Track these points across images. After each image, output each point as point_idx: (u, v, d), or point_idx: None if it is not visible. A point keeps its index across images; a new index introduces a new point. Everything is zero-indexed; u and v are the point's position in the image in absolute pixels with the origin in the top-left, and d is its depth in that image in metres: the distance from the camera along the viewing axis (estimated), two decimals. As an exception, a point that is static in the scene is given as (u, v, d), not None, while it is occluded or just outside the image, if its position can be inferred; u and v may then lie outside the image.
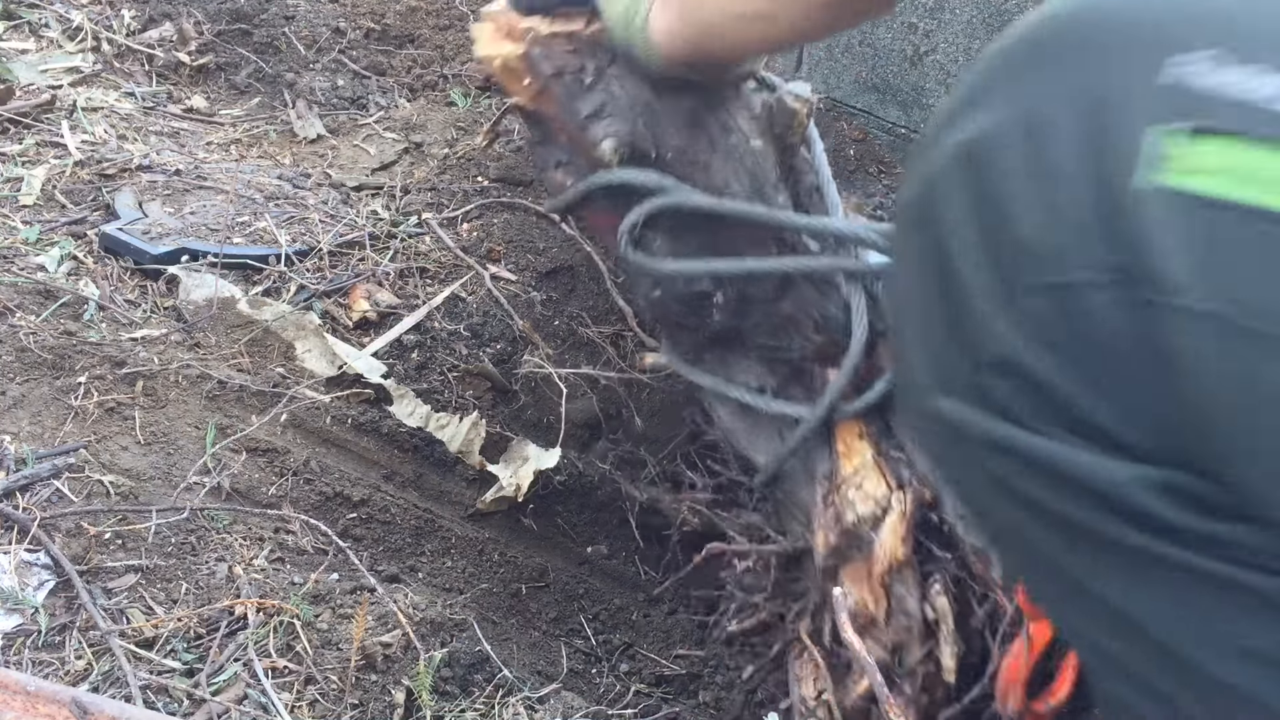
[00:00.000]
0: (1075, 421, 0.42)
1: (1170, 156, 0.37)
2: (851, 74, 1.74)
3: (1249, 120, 0.36)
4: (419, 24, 1.83)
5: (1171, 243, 0.37)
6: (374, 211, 1.39)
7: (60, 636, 0.84)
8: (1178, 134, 0.37)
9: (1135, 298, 0.38)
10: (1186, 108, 0.37)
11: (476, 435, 1.20)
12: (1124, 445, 0.41)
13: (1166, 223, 0.37)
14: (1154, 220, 0.37)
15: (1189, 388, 0.39)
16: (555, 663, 1.07)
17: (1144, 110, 0.38)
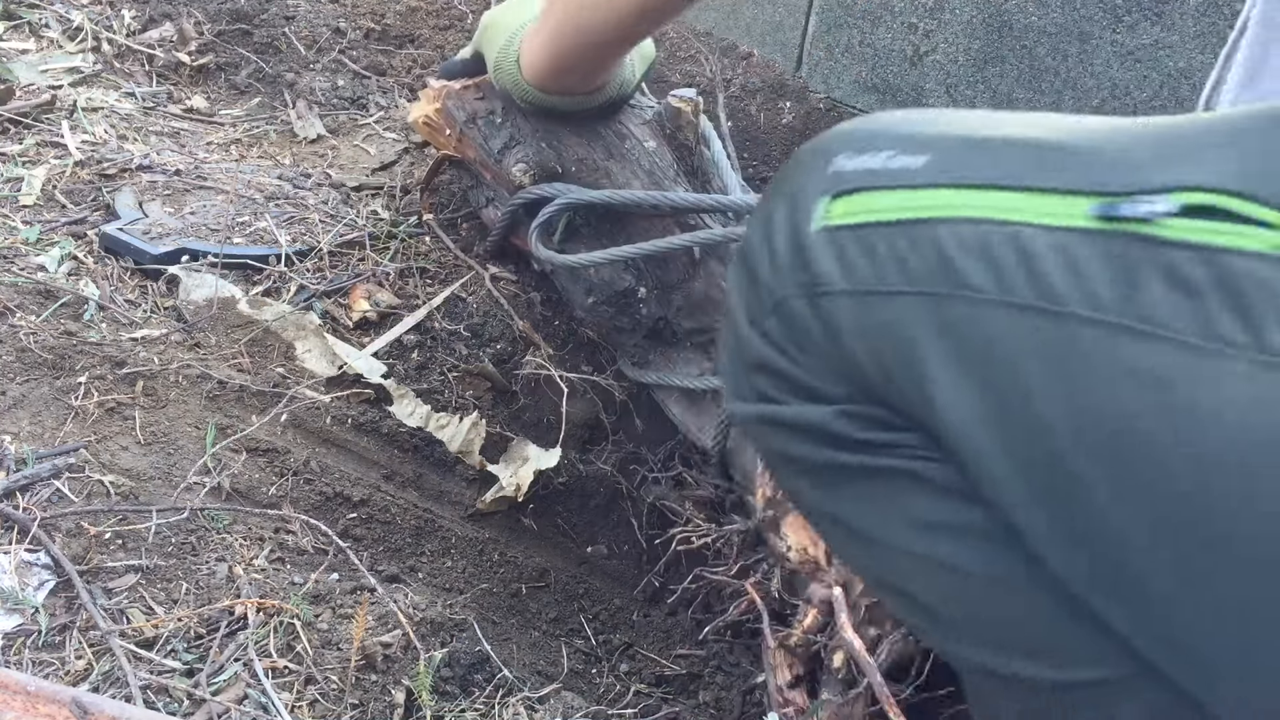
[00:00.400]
0: (799, 388, 0.62)
1: (827, 211, 0.60)
2: (851, 74, 1.74)
3: (868, 179, 0.59)
4: (419, 24, 1.83)
5: (824, 256, 0.59)
6: (374, 211, 1.39)
7: (60, 636, 0.84)
8: (830, 197, 0.60)
9: (812, 295, 0.60)
10: (837, 181, 0.60)
11: (476, 435, 1.20)
12: (829, 397, 0.61)
13: (822, 247, 0.59)
14: (816, 249, 0.60)
15: (843, 343, 0.59)
16: (555, 663, 1.07)
17: (815, 190, 0.61)
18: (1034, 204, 0.53)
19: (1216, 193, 0.48)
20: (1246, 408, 0.46)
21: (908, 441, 0.59)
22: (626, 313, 1.18)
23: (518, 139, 1.20)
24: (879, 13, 1.68)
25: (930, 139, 0.59)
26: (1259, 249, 0.47)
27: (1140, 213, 0.49)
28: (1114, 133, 0.54)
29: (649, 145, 1.21)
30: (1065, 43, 1.48)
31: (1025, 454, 0.52)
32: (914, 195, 0.57)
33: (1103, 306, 0.49)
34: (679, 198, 1.14)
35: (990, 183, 0.55)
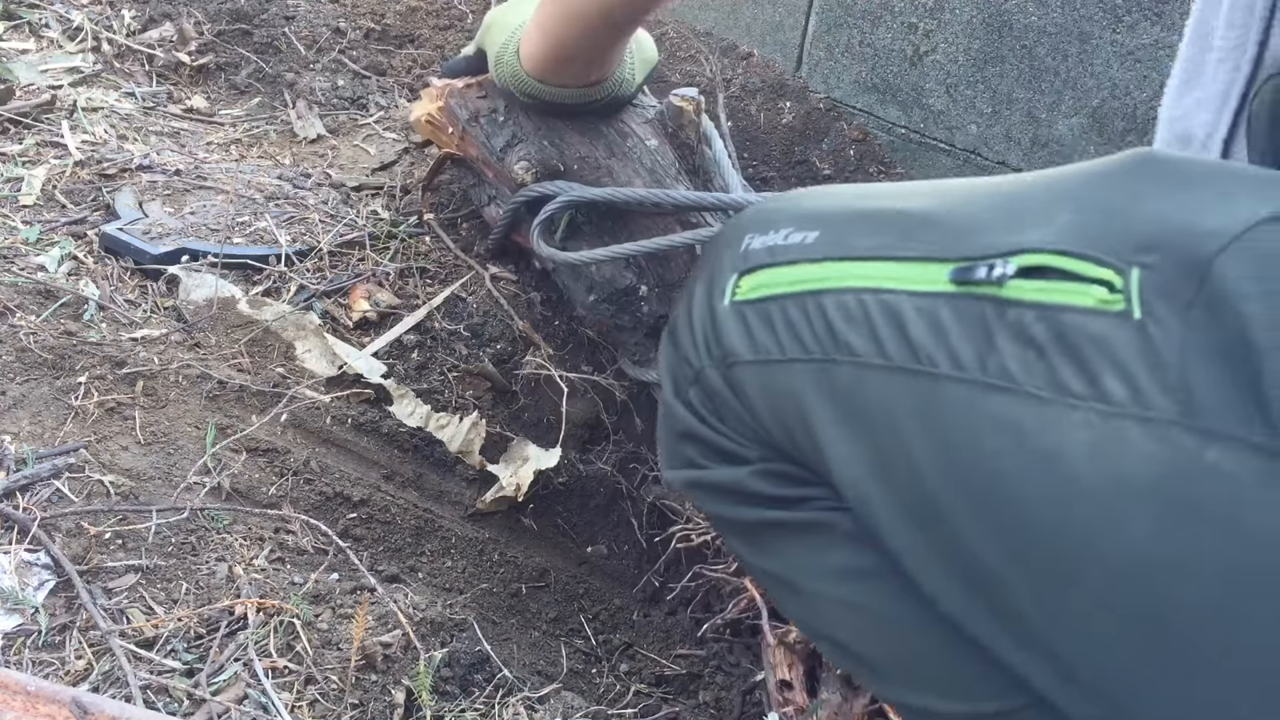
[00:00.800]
0: (722, 454, 0.68)
1: (736, 287, 0.67)
2: (851, 74, 1.74)
3: (768, 256, 0.66)
4: (419, 24, 1.83)
5: (732, 330, 0.66)
6: (374, 211, 1.39)
7: (60, 636, 0.84)
8: (739, 274, 0.67)
9: (724, 367, 0.66)
10: (745, 260, 0.67)
11: (476, 435, 1.20)
12: (745, 458, 0.67)
13: (731, 321, 0.66)
14: (725, 322, 0.66)
15: (752, 409, 0.65)
16: (555, 663, 1.07)
17: (728, 268, 0.68)
18: (904, 272, 0.58)
19: (1048, 253, 0.52)
20: (1089, 453, 0.49)
21: (816, 495, 0.64)
22: (628, 311, 1.18)
23: (520, 137, 1.20)
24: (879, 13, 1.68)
25: (821, 215, 0.65)
26: (1089, 304, 0.50)
27: (989, 276, 0.54)
28: (971, 199, 0.60)
29: (651, 144, 1.21)
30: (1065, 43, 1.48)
31: (906, 500, 0.57)
32: (806, 269, 0.63)
33: (964, 365, 0.54)
34: (680, 196, 1.14)
35: (868, 254, 0.60)
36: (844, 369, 0.59)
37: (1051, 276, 0.52)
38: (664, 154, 1.21)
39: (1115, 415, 0.48)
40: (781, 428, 0.63)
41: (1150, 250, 0.50)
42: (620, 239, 1.17)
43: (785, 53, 1.83)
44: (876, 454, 0.58)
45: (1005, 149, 1.59)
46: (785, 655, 0.99)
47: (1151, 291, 0.49)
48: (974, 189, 0.61)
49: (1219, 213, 0.49)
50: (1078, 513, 0.50)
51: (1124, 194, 0.53)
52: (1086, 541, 0.50)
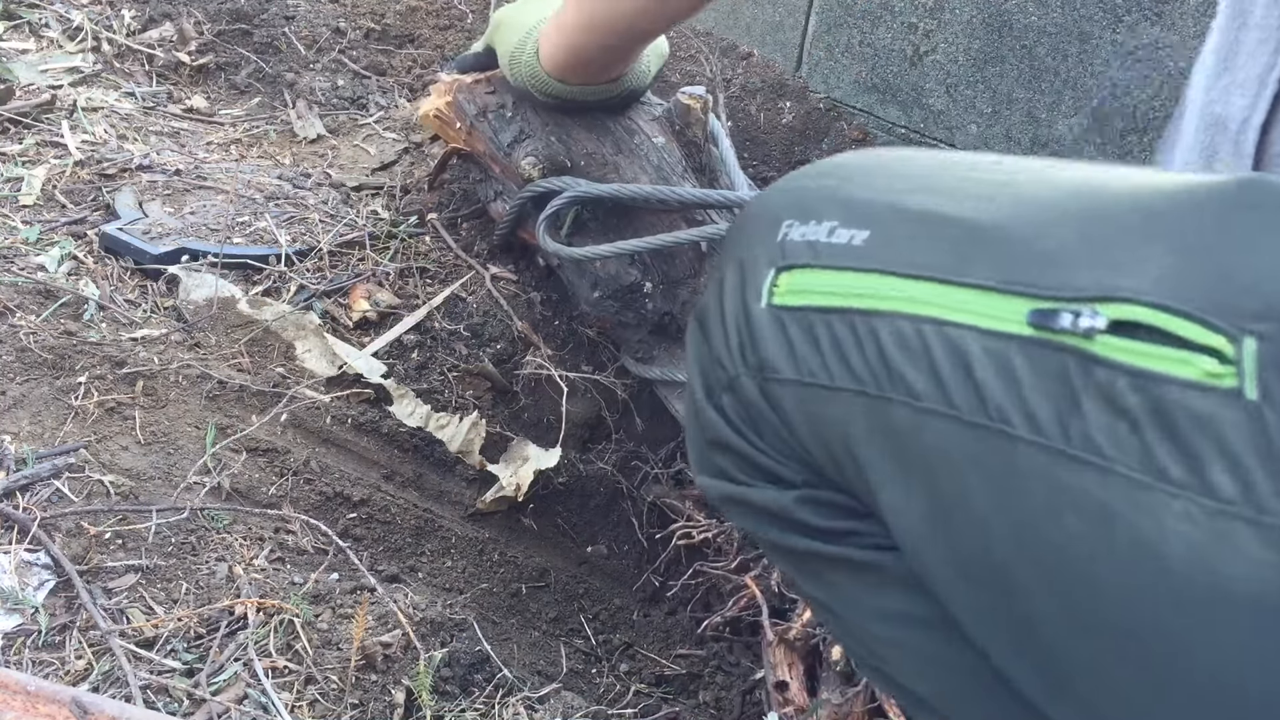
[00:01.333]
0: (759, 470, 0.61)
1: (773, 286, 0.59)
2: (851, 74, 1.74)
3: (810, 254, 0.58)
4: (419, 24, 1.83)
5: (771, 339, 0.58)
6: (374, 211, 1.39)
7: (60, 636, 0.84)
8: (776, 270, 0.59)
9: (762, 379, 0.59)
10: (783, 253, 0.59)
11: (476, 435, 1.20)
12: (790, 480, 0.61)
13: (769, 328, 0.59)
14: (763, 329, 0.59)
15: (799, 430, 0.58)
16: (555, 663, 1.07)
17: (764, 260, 0.60)
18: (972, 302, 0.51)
19: (1145, 307, 0.45)
20: (1187, 553, 0.43)
21: (868, 530, 0.59)
22: (632, 307, 1.18)
23: (527, 133, 1.20)
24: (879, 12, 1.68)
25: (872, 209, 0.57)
26: (1192, 377, 0.44)
27: (1074, 326, 0.47)
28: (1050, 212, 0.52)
29: (658, 141, 1.21)
30: (1065, 42, 1.48)
31: (969, 562, 0.51)
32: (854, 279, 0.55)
33: (1042, 428, 0.47)
34: (686, 192, 1.14)
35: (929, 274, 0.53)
36: (901, 410, 0.52)
37: (1149, 335, 0.45)
38: (670, 151, 1.22)
39: (1223, 513, 0.42)
40: (828, 456, 0.57)
41: (1269, 317, 0.42)
42: (626, 236, 1.17)
43: (785, 53, 1.83)
44: (936, 509, 0.52)
45: (1005, 149, 1.58)
46: (785, 654, 0.99)
47: (1270, 368, 0.42)
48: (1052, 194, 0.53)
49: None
50: (1170, 615, 0.44)
51: (1235, 237, 0.45)
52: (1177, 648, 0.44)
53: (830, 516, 0.60)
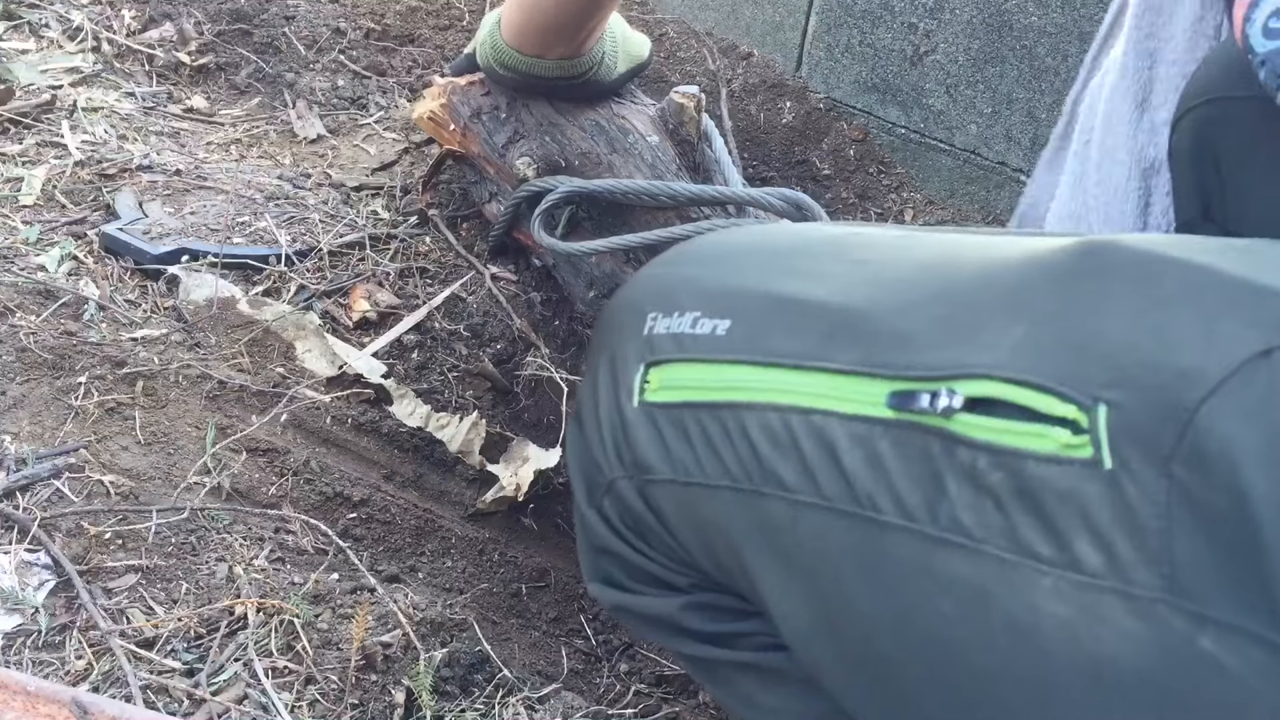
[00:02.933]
0: (647, 576, 0.59)
1: (645, 383, 0.57)
2: (851, 74, 1.74)
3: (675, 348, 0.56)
4: (419, 24, 1.83)
5: (646, 438, 0.56)
6: (374, 211, 1.39)
7: (60, 636, 0.84)
8: (645, 366, 0.57)
9: (640, 482, 0.57)
10: (651, 348, 0.57)
11: (476, 435, 1.20)
12: (676, 585, 0.59)
13: (643, 427, 0.56)
14: (637, 428, 0.57)
15: (680, 533, 0.56)
16: (555, 663, 1.07)
17: (634, 355, 0.58)
18: (833, 387, 0.49)
19: (998, 381, 0.44)
20: (1060, 631, 0.42)
21: (758, 630, 0.57)
22: None
23: (522, 133, 1.20)
24: (879, 12, 1.68)
25: (731, 297, 0.56)
26: (1048, 450, 0.42)
27: (932, 406, 0.45)
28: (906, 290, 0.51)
29: (652, 140, 1.22)
30: (1065, 42, 1.48)
31: (854, 657, 0.50)
32: (720, 371, 0.54)
33: (911, 513, 0.46)
34: (682, 188, 1.14)
35: (790, 361, 0.51)
36: (775, 504, 0.51)
37: (1005, 411, 0.44)
38: (665, 150, 1.22)
39: (1091, 587, 0.41)
40: (711, 559, 0.56)
41: (1118, 385, 0.42)
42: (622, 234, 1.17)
43: (785, 53, 1.83)
44: (820, 606, 0.50)
45: (1005, 149, 1.59)
46: None
47: (1122, 436, 0.41)
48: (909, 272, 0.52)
49: (1199, 346, 0.41)
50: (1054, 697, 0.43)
51: (1082, 306, 0.44)
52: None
53: (718, 620, 0.58)
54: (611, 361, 0.60)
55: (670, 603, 0.59)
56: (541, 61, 1.16)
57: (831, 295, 0.53)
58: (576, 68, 1.17)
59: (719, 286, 0.57)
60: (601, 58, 1.19)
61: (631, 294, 0.62)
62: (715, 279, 0.58)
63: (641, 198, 1.15)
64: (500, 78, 1.20)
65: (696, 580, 0.58)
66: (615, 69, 1.22)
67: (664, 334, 0.57)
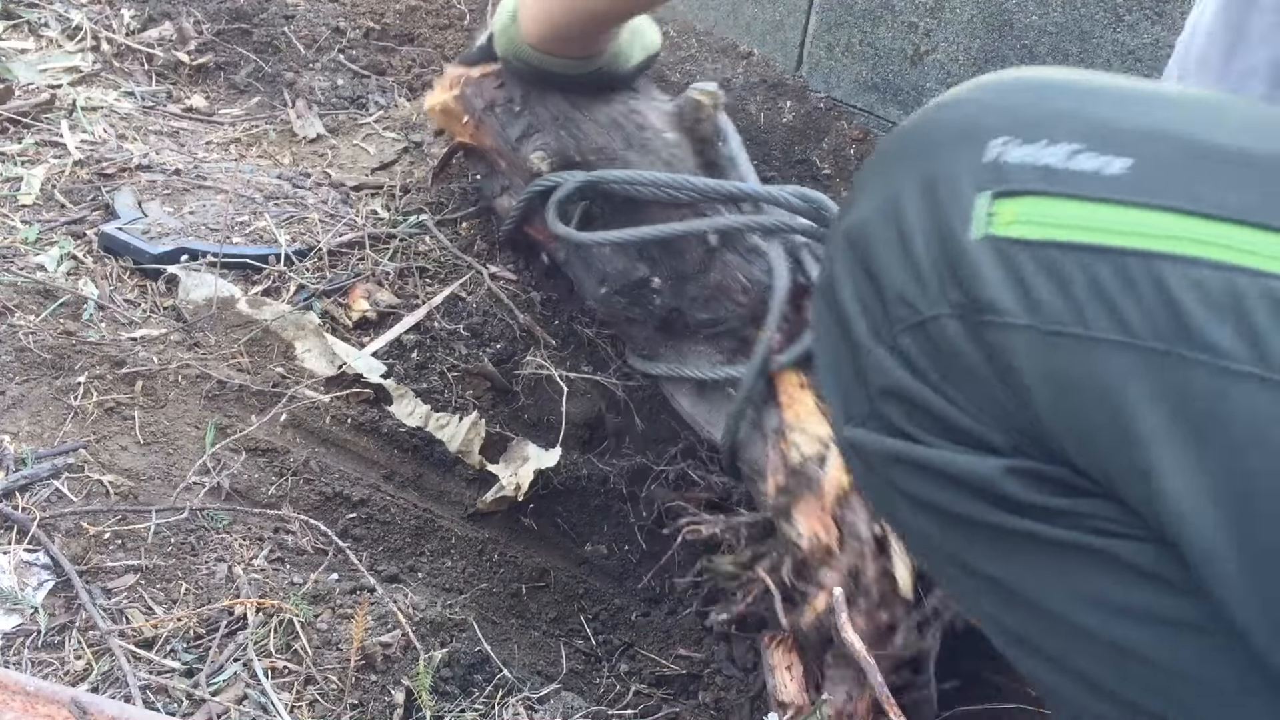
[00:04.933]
0: (951, 430, 0.52)
1: (990, 214, 0.49)
2: (851, 74, 1.74)
3: (1045, 181, 0.48)
4: (419, 23, 1.83)
5: (994, 277, 0.49)
6: (374, 211, 1.38)
7: (60, 636, 0.84)
8: (994, 197, 0.49)
9: (975, 323, 0.49)
10: (1001, 177, 0.49)
11: (476, 435, 1.20)
12: (989, 444, 0.51)
13: (990, 263, 0.49)
14: (981, 262, 0.49)
15: (1020, 388, 0.49)
16: (555, 663, 1.07)
17: (970, 183, 0.50)
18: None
19: None
20: None
21: (1097, 511, 0.50)
22: (640, 303, 1.18)
23: (536, 127, 1.19)
24: (879, 12, 1.67)
25: (1131, 135, 0.48)
26: None
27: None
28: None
29: (668, 136, 1.20)
30: (1066, 42, 1.47)
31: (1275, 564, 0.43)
32: (1120, 214, 0.46)
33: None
34: (700, 181, 1.13)
35: (1233, 215, 0.44)
36: (1196, 371, 0.43)
37: None
38: (681, 147, 1.21)
39: None
40: (1067, 422, 0.48)
41: None
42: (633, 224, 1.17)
43: (785, 52, 1.82)
44: (1240, 496, 0.43)
45: (1005, 148, 1.58)
46: (784, 655, 0.99)
47: None
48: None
49: None
50: None
51: None
52: None
53: (1050, 492, 0.50)
54: (930, 185, 0.51)
55: (989, 463, 0.51)
56: (560, 60, 1.15)
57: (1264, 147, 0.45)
58: (595, 64, 1.17)
59: (1107, 121, 0.49)
60: (619, 51, 1.19)
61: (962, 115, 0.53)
62: (1099, 112, 0.49)
63: (658, 190, 1.14)
64: (517, 70, 1.20)
65: (1019, 442, 0.50)
66: (631, 60, 1.22)
67: (1024, 163, 0.49)
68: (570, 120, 1.20)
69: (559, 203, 1.17)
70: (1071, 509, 0.50)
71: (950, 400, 0.51)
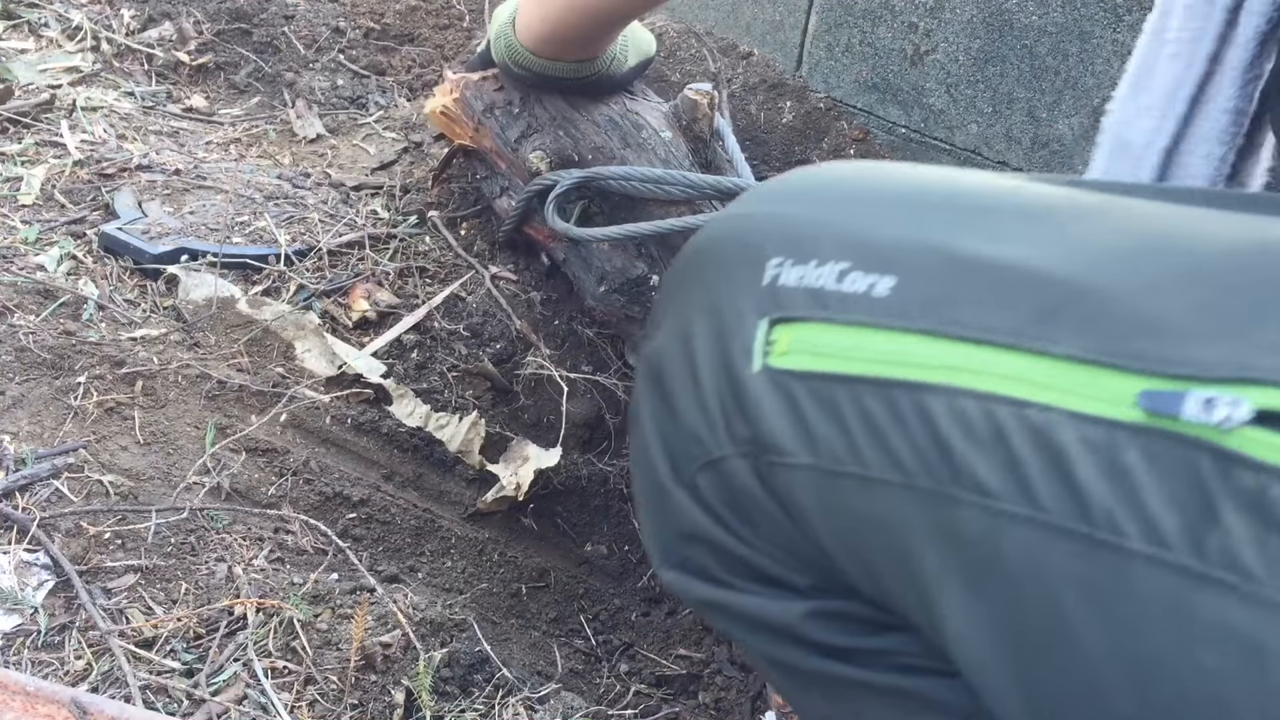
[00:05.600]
0: (755, 573, 0.50)
1: (770, 343, 0.47)
2: (851, 74, 1.74)
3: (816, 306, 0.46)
4: (419, 23, 1.83)
5: (774, 413, 0.46)
6: (374, 211, 1.38)
7: (60, 636, 0.84)
8: (771, 324, 0.47)
9: (762, 463, 0.47)
10: (777, 302, 0.47)
11: (476, 435, 1.20)
12: (792, 586, 0.49)
13: (770, 397, 0.46)
14: (762, 397, 0.47)
15: (810, 528, 0.47)
16: (555, 663, 1.07)
17: (752, 309, 0.48)
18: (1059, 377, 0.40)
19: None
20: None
21: (902, 647, 0.49)
22: (639, 301, 1.19)
23: (535, 128, 1.21)
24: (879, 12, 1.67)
25: (894, 249, 0.46)
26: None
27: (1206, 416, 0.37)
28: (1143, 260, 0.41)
29: (665, 135, 1.22)
30: (1066, 42, 1.47)
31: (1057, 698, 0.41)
32: (887, 340, 0.44)
33: (1165, 542, 0.37)
34: (696, 177, 1.15)
35: (991, 338, 0.42)
36: (969, 512, 0.41)
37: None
38: (678, 146, 1.23)
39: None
40: (857, 560, 0.46)
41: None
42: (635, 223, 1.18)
43: (785, 52, 1.82)
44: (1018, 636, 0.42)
45: (1006, 148, 1.58)
46: None
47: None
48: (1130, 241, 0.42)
49: None
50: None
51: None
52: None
53: (852, 633, 0.49)
54: (715, 312, 0.49)
55: (789, 608, 0.49)
56: (558, 64, 1.16)
57: (1037, 261, 0.42)
58: (592, 68, 1.18)
59: (871, 234, 0.46)
60: (614, 54, 1.20)
61: (742, 231, 0.50)
62: (863, 224, 0.47)
63: (654, 187, 1.15)
64: (515, 75, 1.20)
65: (819, 581, 0.49)
66: (626, 63, 1.23)
67: (796, 287, 0.47)
68: (568, 120, 1.21)
69: (557, 199, 1.18)
70: (877, 647, 0.49)
71: (748, 543, 0.50)
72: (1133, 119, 0.71)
